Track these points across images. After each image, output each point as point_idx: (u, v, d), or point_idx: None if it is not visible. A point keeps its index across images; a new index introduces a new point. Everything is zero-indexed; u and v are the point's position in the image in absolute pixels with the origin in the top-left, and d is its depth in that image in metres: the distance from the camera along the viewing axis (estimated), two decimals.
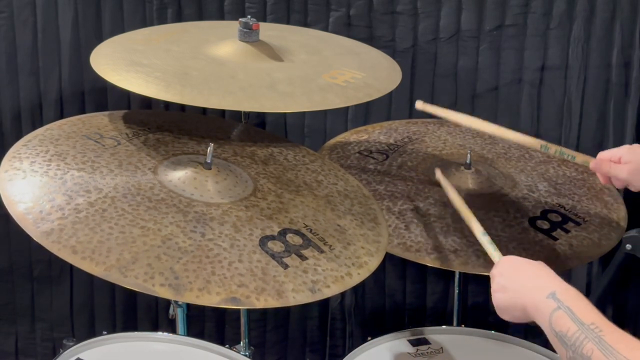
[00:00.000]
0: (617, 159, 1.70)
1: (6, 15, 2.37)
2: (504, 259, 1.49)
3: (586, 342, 1.24)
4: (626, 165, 1.69)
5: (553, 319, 1.30)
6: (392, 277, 2.56)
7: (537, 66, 2.39)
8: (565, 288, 1.34)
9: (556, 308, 1.30)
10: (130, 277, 1.48)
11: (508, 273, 1.44)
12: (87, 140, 1.80)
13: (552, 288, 1.33)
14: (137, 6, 2.38)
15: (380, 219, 1.81)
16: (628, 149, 1.71)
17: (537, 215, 1.97)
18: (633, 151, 1.71)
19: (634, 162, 1.68)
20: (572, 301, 1.30)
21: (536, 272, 1.41)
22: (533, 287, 1.37)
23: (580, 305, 1.30)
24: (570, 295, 1.32)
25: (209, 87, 1.75)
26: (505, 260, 1.48)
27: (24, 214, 1.56)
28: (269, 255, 1.60)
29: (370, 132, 2.24)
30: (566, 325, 1.28)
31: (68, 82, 2.42)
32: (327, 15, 2.38)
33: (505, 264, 1.47)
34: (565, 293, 1.32)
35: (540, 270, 1.41)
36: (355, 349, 1.82)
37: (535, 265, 1.43)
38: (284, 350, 2.66)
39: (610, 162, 1.70)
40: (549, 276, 1.38)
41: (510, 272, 1.44)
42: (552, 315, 1.30)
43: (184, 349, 1.74)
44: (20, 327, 2.65)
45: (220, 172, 1.75)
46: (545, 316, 1.31)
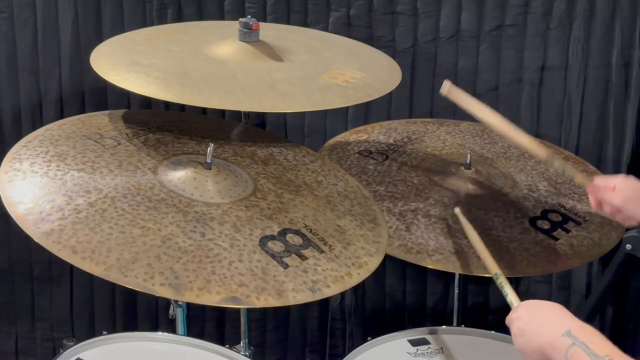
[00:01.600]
0: (612, 186, 1.72)
1: (6, 15, 2.37)
2: (523, 304, 1.51)
3: None
4: (621, 193, 1.71)
5: (569, 355, 1.32)
6: (392, 277, 2.56)
7: (537, 66, 2.39)
8: (581, 326, 1.36)
9: (571, 344, 1.32)
10: (130, 277, 1.49)
11: (525, 316, 1.45)
12: (87, 140, 1.80)
13: (568, 326, 1.36)
14: (137, 6, 2.37)
15: (380, 220, 1.81)
16: (623, 178, 1.74)
17: (537, 215, 1.97)
18: (628, 181, 1.73)
19: (628, 190, 1.71)
20: (587, 337, 1.33)
21: (552, 313, 1.42)
22: (549, 327, 1.38)
23: (596, 340, 1.32)
24: (585, 332, 1.34)
25: (209, 87, 1.75)
26: (522, 305, 1.50)
27: (24, 214, 1.56)
28: (269, 255, 1.60)
29: (370, 132, 2.24)
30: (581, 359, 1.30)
31: (68, 82, 2.42)
32: (327, 15, 2.38)
33: (522, 308, 1.48)
34: (580, 330, 1.34)
35: (556, 311, 1.42)
36: (355, 349, 1.82)
37: (551, 307, 1.44)
38: (284, 350, 2.66)
39: (605, 189, 1.72)
40: (564, 316, 1.40)
41: (527, 315, 1.45)
42: (567, 352, 1.32)
43: (184, 349, 1.74)
44: (20, 327, 2.65)
45: (220, 172, 1.75)
46: (561, 353, 1.33)
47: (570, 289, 2.51)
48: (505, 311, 2.41)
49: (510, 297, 1.58)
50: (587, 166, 2.19)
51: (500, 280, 1.64)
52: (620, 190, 1.71)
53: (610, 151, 2.40)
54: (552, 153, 1.81)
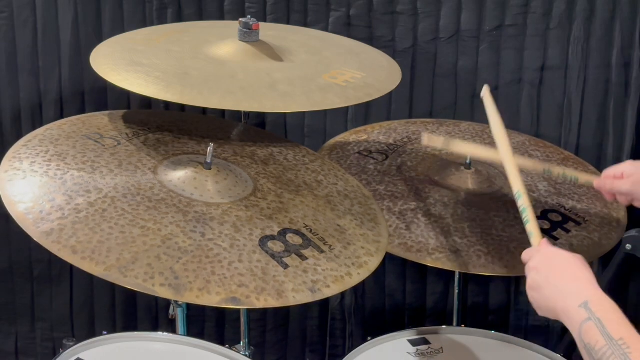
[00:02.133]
0: (620, 174, 1.70)
1: (6, 15, 2.37)
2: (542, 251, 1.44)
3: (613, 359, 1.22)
4: (629, 179, 1.69)
5: (583, 330, 1.28)
6: (392, 277, 2.56)
7: (537, 66, 2.39)
8: (599, 297, 1.31)
9: (587, 319, 1.28)
10: (130, 277, 1.49)
11: (544, 270, 1.39)
12: (87, 140, 1.80)
13: (586, 296, 1.31)
14: (137, 6, 2.37)
15: (380, 219, 1.81)
16: (630, 164, 1.72)
17: (537, 215, 1.96)
18: (635, 165, 1.71)
19: (636, 175, 1.69)
20: (604, 313, 1.28)
21: (572, 274, 1.36)
22: (567, 292, 1.34)
23: (612, 318, 1.28)
24: (603, 306, 1.30)
25: (209, 87, 1.75)
26: (543, 254, 1.43)
27: (24, 214, 1.56)
28: (269, 255, 1.60)
29: (370, 132, 2.24)
30: (595, 338, 1.26)
31: (68, 82, 2.42)
32: (327, 15, 2.38)
33: (542, 257, 1.42)
34: (598, 303, 1.30)
35: (577, 271, 1.37)
36: (355, 349, 1.82)
37: (572, 265, 1.38)
38: (284, 350, 2.66)
39: (613, 179, 1.71)
40: (584, 280, 1.35)
41: (547, 269, 1.39)
42: (582, 326, 1.28)
43: (184, 349, 1.74)
44: (20, 327, 2.65)
45: (220, 172, 1.75)
46: (575, 325, 1.30)
47: None
48: (505, 312, 2.42)
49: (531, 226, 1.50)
50: (587, 166, 2.19)
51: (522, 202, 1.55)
52: (628, 175, 1.69)
53: (610, 151, 2.40)
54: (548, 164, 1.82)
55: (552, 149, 2.23)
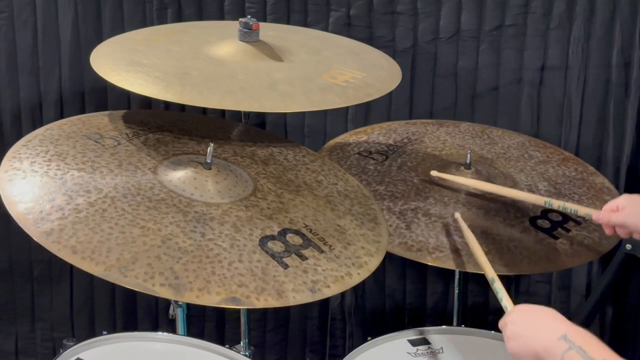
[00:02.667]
0: (616, 207, 1.74)
1: (6, 15, 2.37)
2: (516, 307, 1.50)
3: None
4: (622, 211, 1.74)
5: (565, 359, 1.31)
6: (392, 277, 2.56)
7: (537, 66, 2.39)
8: (577, 330, 1.35)
9: (568, 349, 1.32)
10: (130, 277, 1.48)
11: (520, 320, 1.45)
12: (87, 140, 1.80)
13: (564, 330, 1.35)
14: (137, 6, 2.37)
15: (380, 219, 1.81)
16: (626, 197, 1.76)
17: (537, 215, 1.97)
18: (630, 198, 1.76)
19: (629, 207, 1.73)
20: (584, 341, 1.32)
21: (547, 317, 1.41)
22: (544, 331, 1.38)
23: (592, 343, 1.32)
24: (582, 336, 1.33)
25: (209, 87, 1.75)
26: (516, 309, 1.49)
27: (24, 214, 1.56)
28: (269, 255, 1.60)
29: (370, 132, 2.24)
30: None
31: (68, 82, 2.42)
32: (327, 15, 2.38)
33: (516, 312, 1.48)
34: (576, 334, 1.34)
35: (551, 315, 1.42)
36: (355, 349, 1.82)
37: (545, 312, 1.44)
38: (284, 350, 2.66)
39: (610, 212, 1.74)
40: (559, 320, 1.40)
41: (522, 319, 1.45)
42: (563, 356, 1.32)
43: (184, 349, 1.74)
44: (20, 327, 2.65)
45: (220, 172, 1.75)
46: (557, 357, 1.33)
47: (570, 289, 2.51)
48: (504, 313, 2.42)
49: (505, 301, 1.58)
50: (587, 167, 2.19)
51: (495, 285, 1.64)
52: (622, 208, 1.73)
53: (610, 151, 2.40)
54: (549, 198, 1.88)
55: (552, 149, 2.23)
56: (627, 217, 1.72)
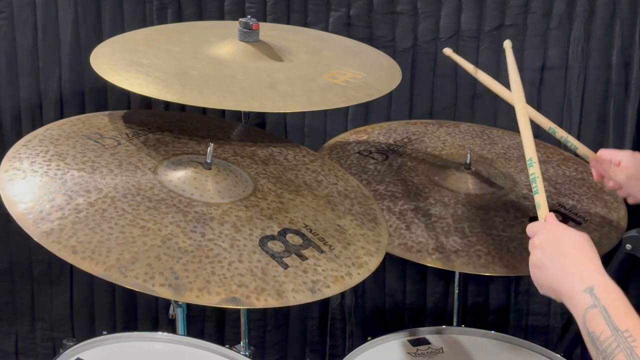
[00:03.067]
0: (618, 161, 1.69)
1: (6, 15, 2.37)
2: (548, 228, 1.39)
3: (618, 352, 1.18)
4: (625, 169, 1.67)
5: (587, 317, 1.24)
6: (392, 277, 2.56)
7: (537, 66, 2.39)
8: (605, 283, 1.27)
9: (592, 305, 1.24)
10: (130, 277, 1.48)
11: (549, 248, 1.35)
12: (87, 140, 1.80)
13: (591, 281, 1.27)
14: (137, 6, 2.37)
15: (380, 219, 1.81)
16: (630, 154, 1.69)
17: (537, 215, 1.96)
18: (634, 157, 1.70)
19: (633, 167, 1.67)
20: (610, 301, 1.24)
21: (578, 256, 1.32)
22: (572, 274, 1.29)
23: (619, 306, 1.24)
24: (609, 294, 1.25)
25: (209, 87, 1.75)
26: (548, 230, 1.39)
27: (24, 214, 1.56)
28: (269, 255, 1.60)
29: (370, 132, 2.24)
30: (600, 328, 1.22)
31: (68, 82, 2.42)
32: (327, 15, 2.38)
33: (547, 235, 1.38)
34: (603, 289, 1.26)
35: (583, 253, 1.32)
36: (355, 349, 1.82)
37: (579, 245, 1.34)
38: (284, 350, 2.66)
39: (610, 163, 1.69)
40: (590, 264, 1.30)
41: (551, 247, 1.35)
42: (586, 313, 1.24)
43: (184, 349, 1.74)
44: (20, 327, 2.65)
45: (220, 172, 1.75)
46: (579, 311, 1.25)
47: None
48: (505, 312, 2.41)
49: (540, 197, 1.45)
50: (587, 167, 2.19)
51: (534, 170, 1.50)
52: (625, 166, 1.67)
53: None
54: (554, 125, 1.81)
55: (552, 150, 2.23)
56: (629, 179, 1.65)
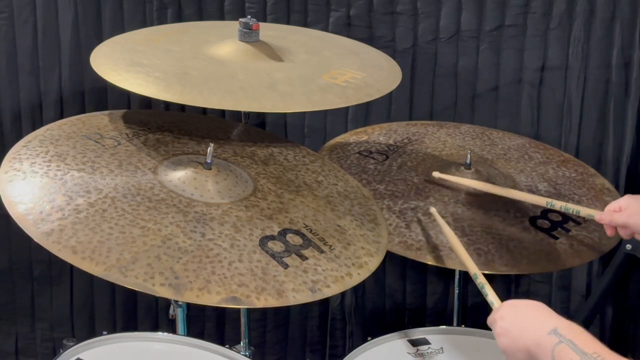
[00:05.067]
0: (618, 207, 1.74)
1: (6, 15, 2.37)
2: (504, 304, 1.50)
3: None
4: (625, 211, 1.73)
5: (556, 353, 1.31)
6: (392, 277, 2.56)
7: (537, 66, 2.39)
8: (567, 324, 1.35)
9: (558, 342, 1.31)
10: (130, 277, 1.49)
11: (509, 316, 1.44)
12: (87, 140, 1.80)
13: (554, 324, 1.35)
14: (137, 6, 2.37)
15: (380, 220, 1.82)
16: (628, 197, 1.76)
17: (537, 215, 1.97)
18: (633, 198, 1.76)
19: (631, 207, 1.73)
20: (574, 335, 1.32)
21: (536, 312, 1.41)
22: (534, 326, 1.37)
23: (582, 337, 1.31)
24: (572, 330, 1.33)
25: (209, 87, 1.75)
26: (505, 305, 1.49)
27: (24, 214, 1.56)
28: (269, 255, 1.60)
29: (370, 133, 2.24)
30: (569, 356, 1.29)
31: (68, 82, 2.42)
32: (327, 15, 2.38)
33: (505, 307, 1.47)
34: (566, 327, 1.34)
35: (540, 309, 1.42)
36: (355, 349, 1.82)
37: (535, 306, 1.43)
38: (284, 350, 2.66)
39: (612, 212, 1.74)
40: (549, 314, 1.39)
41: (511, 314, 1.44)
42: (554, 350, 1.31)
43: (184, 349, 1.74)
44: (20, 327, 2.65)
45: (220, 172, 1.75)
46: (547, 351, 1.32)
47: (570, 289, 2.51)
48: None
49: (491, 297, 1.58)
50: (587, 168, 2.19)
51: (479, 280, 1.63)
52: (624, 208, 1.73)
53: (610, 151, 2.40)
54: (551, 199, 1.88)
55: (552, 151, 2.23)
56: (630, 218, 1.72)
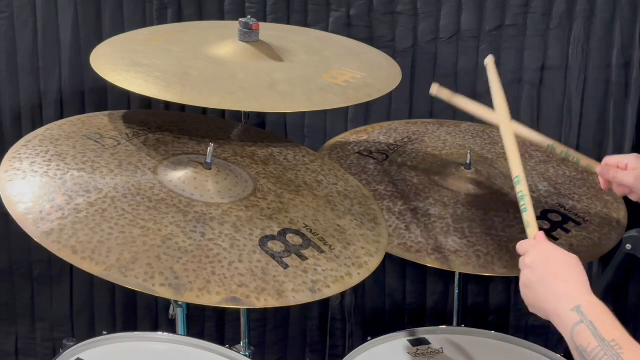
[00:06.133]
0: (624, 165, 1.70)
1: (6, 15, 2.37)
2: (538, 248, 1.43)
3: None
4: (633, 172, 1.69)
5: (575, 332, 1.29)
6: (392, 277, 2.56)
7: (537, 66, 2.39)
8: (592, 302, 1.32)
9: (579, 322, 1.29)
10: (130, 277, 1.49)
11: (538, 268, 1.39)
12: (87, 140, 1.80)
13: (579, 300, 1.32)
14: (137, 6, 2.37)
15: (380, 219, 1.81)
16: (635, 157, 1.71)
17: (537, 216, 1.96)
18: None
19: None
20: (597, 316, 1.29)
21: (566, 277, 1.37)
22: (560, 295, 1.34)
23: (605, 320, 1.29)
24: (595, 310, 1.30)
25: (209, 87, 1.75)
26: (538, 251, 1.42)
27: (24, 214, 1.56)
28: (269, 255, 1.60)
29: (370, 132, 2.24)
30: (587, 340, 1.27)
31: (68, 82, 2.42)
32: (327, 15, 2.38)
33: (537, 255, 1.41)
34: (590, 307, 1.31)
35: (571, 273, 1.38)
36: (355, 349, 1.82)
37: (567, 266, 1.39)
38: (284, 350, 2.66)
39: (617, 168, 1.70)
40: (578, 284, 1.36)
41: (541, 267, 1.39)
42: (574, 329, 1.29)
43: (184, 349, 1.74)
44: (20, 327, 2.65)
45: (220, 172, 1.75)
46: (567, 328, 1.30)
47: None
48: (505, 312, 2.42)
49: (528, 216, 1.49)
50: None
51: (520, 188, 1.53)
52: (632, 168, 1.69)
53: (610, 151, 2.40)
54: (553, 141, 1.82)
55: None
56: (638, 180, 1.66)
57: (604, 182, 1.74)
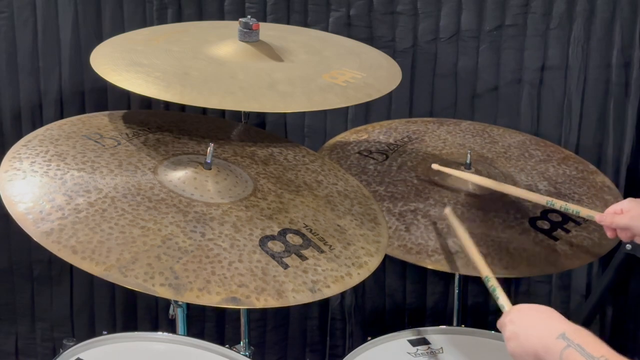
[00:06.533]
0: (619, 210, 1.74)
1: (6, 15, 2.37)
2: (514, 307, 1.50)
3: None
4: (627, 214, 1.74)
5: (564, 357, 1.32)
6: (392, 277, 2.56)
7: (537, 66, 2.39)
8: (575, 328, 1.36)
9: (566, 346, 1.32)
10: (130, 277, 1.49)
11: (518, 320, 1.45)
12: (87, 140, 1.80)
13: (562, 329, 1.36)
14: (137, 6, 2.38)
15: (380, 219, 1.81)
16: (630, 200, 1.76)
17: (537, 216, 1.97)
18: (635, 201, 1.76)
19: (634, 210, 1.74)
20: (582, 339, 1.33)
21: (545, 316, 1.42)
22: (543, 330, 1.38)
23: (590, 341, 1.32)
24: (580, 334, 1.34)
25: (209, 87, 1.75)
26: (514, 309, 1.50)
27: (24, 214, 1.56)
28: (269, 255, 1.60)
29: (370, 131, 2.24)
30: None
31: (68, 82, 2.42)
32: (327, 15, 2.38)
33: (514, 311, 1.48)
34: (574, 332, 1.35)
35: (549, 313, 1.43)
36: (355, 349, 1.82)
37: (544, 310, 1.44)
38: (284, 350, 2.66)
39: (613, 214, 1.74)
40: (557, 319, 1.40)
41: (520, 318, 1.45)
42: (562, 354, 1.32)
43: (184, 349, 1.74)
44: (20, 327, 2.65)
45: (220, 172, 1.75)
46: (555, 356, 1.34)
47: (570, 289, 2.51)
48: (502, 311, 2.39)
49: (502, 300, 1.58)
50: (587, 166, 2.19)
51: (491, 283, 1.63)
52: (626, 211, 1.74)
53: (610, 151, 2.40)
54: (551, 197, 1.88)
55: (553, 148, 2.23)
56: (632, 220, 1.72)
57: (609, 230, 1.78)
